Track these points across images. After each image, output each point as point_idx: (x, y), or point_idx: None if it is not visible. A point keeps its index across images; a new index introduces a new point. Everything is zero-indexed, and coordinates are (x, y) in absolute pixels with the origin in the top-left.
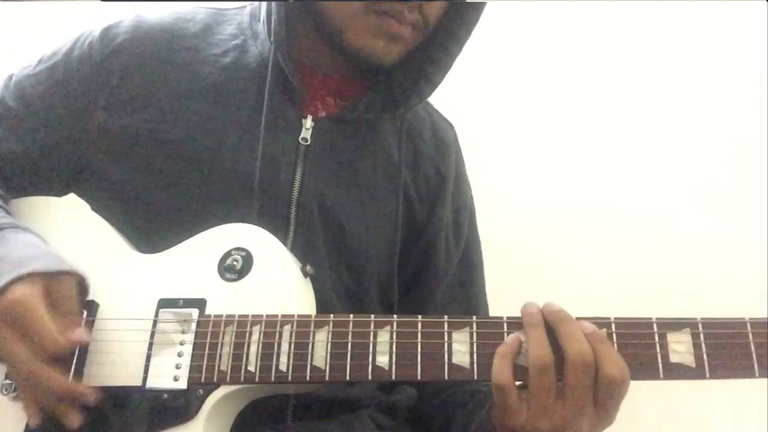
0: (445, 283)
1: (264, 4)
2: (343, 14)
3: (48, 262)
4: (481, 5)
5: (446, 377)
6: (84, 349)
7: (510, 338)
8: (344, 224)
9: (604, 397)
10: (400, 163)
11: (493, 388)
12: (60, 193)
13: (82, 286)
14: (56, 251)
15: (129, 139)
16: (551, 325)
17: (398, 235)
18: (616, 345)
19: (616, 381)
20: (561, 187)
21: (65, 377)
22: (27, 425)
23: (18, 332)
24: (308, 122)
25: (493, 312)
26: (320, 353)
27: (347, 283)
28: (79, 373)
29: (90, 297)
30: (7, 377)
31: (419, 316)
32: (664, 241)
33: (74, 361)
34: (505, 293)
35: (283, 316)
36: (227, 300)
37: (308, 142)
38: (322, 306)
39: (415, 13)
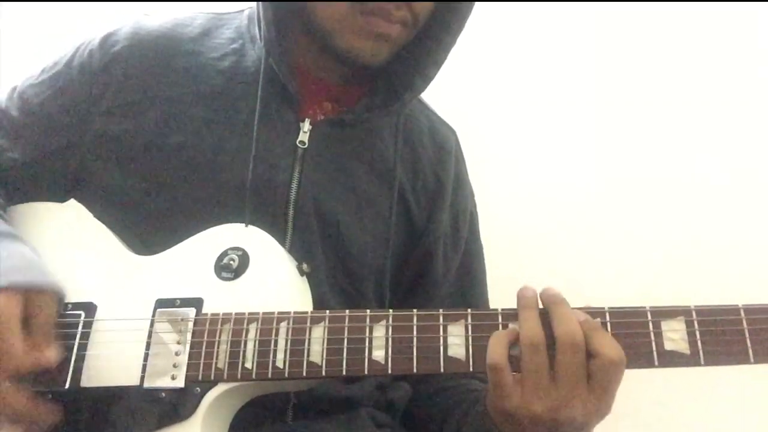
0: (444, 290)
1: (258, 8)
2: (331, 16)
3: (27, 275)
4: None
5: (442, 370)
6: (82, 350)
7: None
8: (341, 227)
9: (601, 381)
10: (395, 163)
11: (487, 370)
12: (60, 199)
13: (59, 299)
14: (41, 262)
15: (127, 144)
16: (546, 307)
17: (391, 236)
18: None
19: (614, 362)
20: (560, 185)
21: (24, 397)
22: None
23: None
24: (306, 125)
25: None
26: (316, 349)
27: (344, 286)
28: (77, 373)
29: (88, 299)
30: None
31: (414, 310)
32: (664, 241)
33: (72, 362)
34: (505, 293)
35: (279, 313)
36: (224, 299)
37: (306, 145)
38: (319, 308)
39: (403, 11)
